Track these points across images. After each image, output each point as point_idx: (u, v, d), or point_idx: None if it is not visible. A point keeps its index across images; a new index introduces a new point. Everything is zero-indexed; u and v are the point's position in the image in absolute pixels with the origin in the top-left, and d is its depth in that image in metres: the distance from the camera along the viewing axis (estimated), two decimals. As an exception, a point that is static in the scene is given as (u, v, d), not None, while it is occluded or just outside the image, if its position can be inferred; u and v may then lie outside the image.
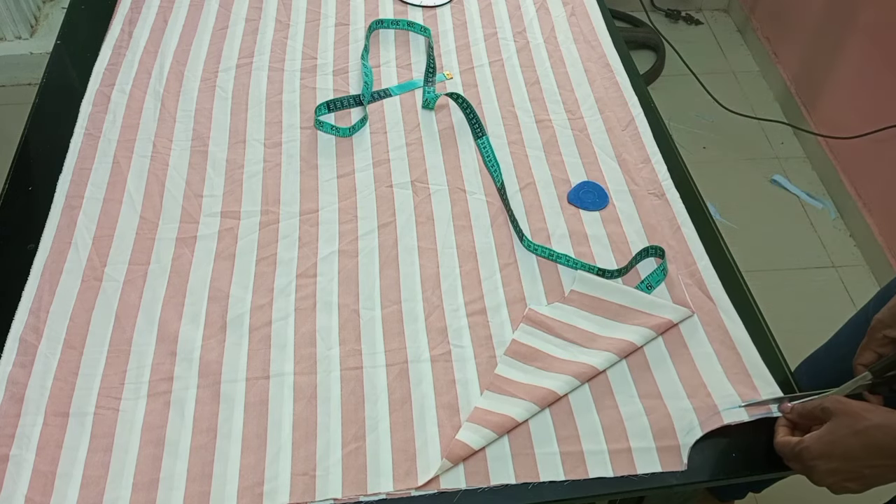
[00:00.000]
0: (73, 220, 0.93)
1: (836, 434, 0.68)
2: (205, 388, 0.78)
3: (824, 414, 0.70)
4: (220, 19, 1.21)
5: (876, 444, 0.66)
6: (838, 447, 0.67)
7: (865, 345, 0.78)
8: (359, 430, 0.75)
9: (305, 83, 1.12)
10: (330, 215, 0.94)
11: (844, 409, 0.69)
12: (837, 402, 0.70)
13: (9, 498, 0.70)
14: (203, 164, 1.00)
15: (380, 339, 0.83)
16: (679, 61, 2.19)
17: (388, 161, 1.01)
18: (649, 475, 0.73)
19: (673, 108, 2.20)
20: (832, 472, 0.68)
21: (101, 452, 0.73)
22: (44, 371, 0.79)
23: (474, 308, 0.86)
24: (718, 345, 0.83)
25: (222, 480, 0.72)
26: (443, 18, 1.24)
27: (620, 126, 1.08)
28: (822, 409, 0.71)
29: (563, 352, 0.82)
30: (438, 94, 1.09)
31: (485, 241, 0.92)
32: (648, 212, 0.96)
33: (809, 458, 0.69)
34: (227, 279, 0.87)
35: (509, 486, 0.72)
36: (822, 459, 0.68)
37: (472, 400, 0.78)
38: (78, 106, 1.06)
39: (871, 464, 0.67)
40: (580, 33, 1.23)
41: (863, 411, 0.68)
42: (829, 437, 0.68)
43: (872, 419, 0.67)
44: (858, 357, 0.78)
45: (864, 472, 0.67)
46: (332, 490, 0.71)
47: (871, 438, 0.66)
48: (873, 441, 0.66)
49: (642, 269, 0.90)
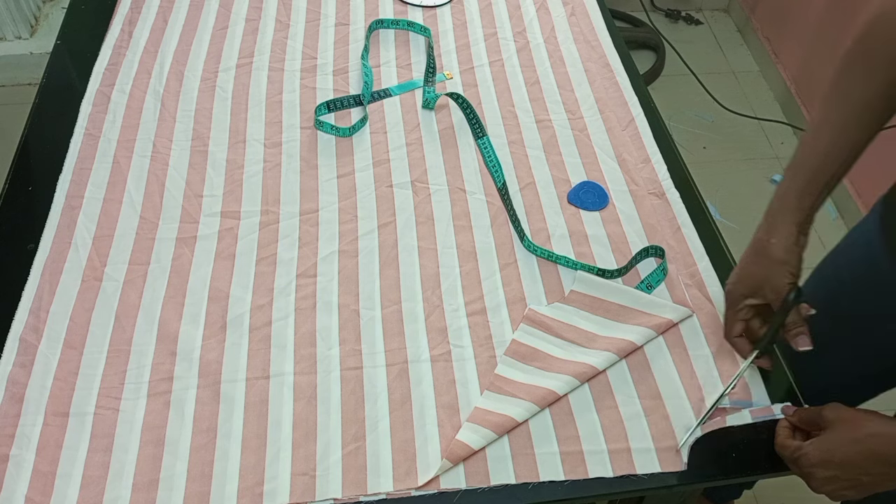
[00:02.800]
0: (73, 220, 0.92)
1: (834, 442, 0.68)
2: (205, 388, 0.78)
3: (823, 421, 0.70)
4: (220, 19, 1.21)
5: (874, 453, 0.66)
6: (837, 455, 0.68)
7: (731, 317, 0.79)
8: (359, 430, 0.76)
9: (305, 83, 1.12)
10: (330, 215, 0.94)
11: (843, 417, 0.69)
12: (836, 409, 0.70)
13: (9, 498, 0.70)
14: (203, 164, 1.00)
15: (380, 339, 0.83)
16: (679, 61, 2.19)
17: (388, 161, 1.01)
18: (649, 475, 0.73)
19: (673, 108, 2.20)
20: (830, 480, 0.68)
21: (101, 452, 0.73)
22: (44, 371, 0.79)
23: (474, 308, 0.86)
24: (716, 348, 0.83)
25: (222, 480, 0.72)
26: (443, 18, 1.24)
27: (620, 126, 1.08)
28: (820, 416, 0.71)
29: (563, 352, 0.82)
30: (438, 94, 1.09)
31: (485, 241, 0.92)
32: (648, 212, 0.96)
33: (808, 465, 0.69)
34: (227, 279, 0.87)
35: (509, 486, 0.72)
36: (821, 467, 0.68)
37: (471, 400, 0.78)
38: (78, 106, 1.06)
39: (869, 471, 0.67)
40: (580, 33, 1.23)
41: (861, 419, 0.68)
42: (827, 445, 0.69)
43: (870, 428, 0.67)
44: (729, 330, 0.79)
45: (863, 480, 0.67)
46: (332, 490, 0.71)
47: (869, 446, 0.66)
48: (871, 449, 0.66)
49: (642, 269, 0.90)
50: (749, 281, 0.77)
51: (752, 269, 0.77)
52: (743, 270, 0.79)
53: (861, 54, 0.74)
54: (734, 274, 0.80)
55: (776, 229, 0.76)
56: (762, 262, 0.76)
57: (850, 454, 0.67)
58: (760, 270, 0.76)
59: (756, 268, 0.77)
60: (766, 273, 0.75)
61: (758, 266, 0.76)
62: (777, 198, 0.77)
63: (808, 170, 0.75)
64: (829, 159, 0.75)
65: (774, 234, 0.76)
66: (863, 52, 0.74)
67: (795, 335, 0.76)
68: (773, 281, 0.75)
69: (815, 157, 0.75)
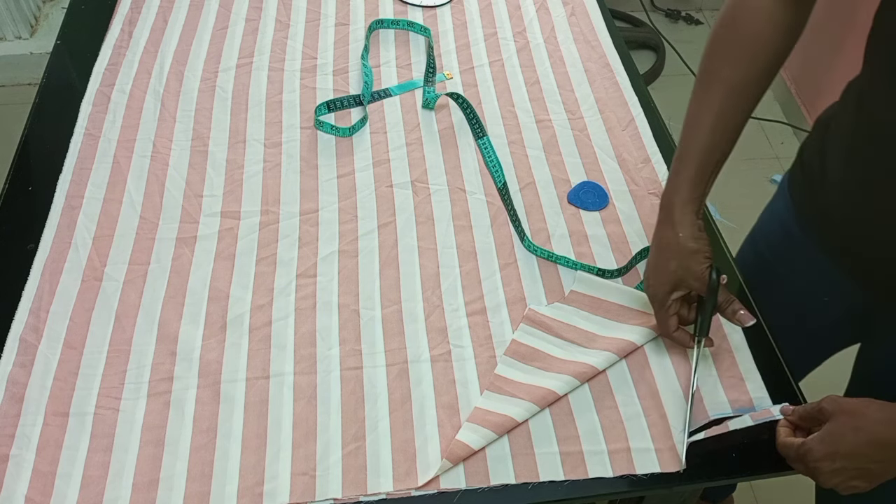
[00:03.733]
0: (73, 220, 0.92)
1: (837, 434, 0.68)
2: (205, 388, 0.78)
3: (822, 415, 0.70)
4: (220, 19, 1.21)
5: (879, 439, 0.66)
6: (842, 446, 0.67)
7: (662, 316, 0.80)
8: (359, 430, 0.75)
9: (305, 83, 1.12)
10: (330, 215, 0.94)
11: (842, 408, 0.69)
12: (835, 401, 0.70)
13: (9, 498, 0.70)
14: (203, 164, 1.00)
15: (380, 339, 0.83)
16: (679, 61, 2.19)
17: (388, 161, 1.01)
18: (649, 475, 0.73)
19: (673, 108, 2.18)
20: (838, 472, 0.68)
21: (101, 452, 0.73)
22: (44, 371, 0.79)
23: (474, 308, 0.86)
24: (715, 348, 0.83)
25: (222, 480, 0.72)
26: (443, 18, 1.24)
27: (620, 126, 1.08)
28: (819, 410, 0.71)
29: (563, 352, 0.82)
30: (438, 94, 1.09)
31: (485, 241, 0.92)
32: (648, 212, 0.96)
33: (813, 461, 0.69)
34: (227, 279, 0.87)
35: (509, 486, 0.72)
36: (827, 460, 0.68)
37: (471, 400, 0.78)
38: (78, 106, 1.06)
39: (876, 459, 0.67)
40: (580, 33, 1.23)
41: (861, 408, 0.68)
42: (830, 438, 0.68)
43: (872, 415, 0.67)
44: (666, 329, 0.80)
45: (871, 469, 0.67)
46: (332, 490, 0.71)
47: (874, 434, 0.66)
48: (876, 436, 0.66)
49: (642, 269, 0.90)
50: (670, 278, 0.79)
51: (669, 265, 0.78)
52: (659, 270, 0.80)
53: (726, 39, 0.76)
54: (650, 276, 0.81)
55: (681, 223, 0.78)
56: (677, 258, 0.78)
57: (855, 444, 0.67)
58: (678, 265, 0.78)
59: (672, 264, 0.78)
60: (685, 265, 0.78)
61: (674, 262, 0.78)
62: (671, 192, 0.79)
63: (696, 159, 0.78)
64: (713, 145, 0.78)
65: (681, 229, 0.78)
66: (727, 37, 0.76)
67: (734, 314, 0.77)
68: (693, 271, 0.77)
69: (698, 145, 0.78)
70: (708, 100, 0.77)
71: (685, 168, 0.78)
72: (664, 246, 0.79)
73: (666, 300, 0.79)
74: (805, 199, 0.86)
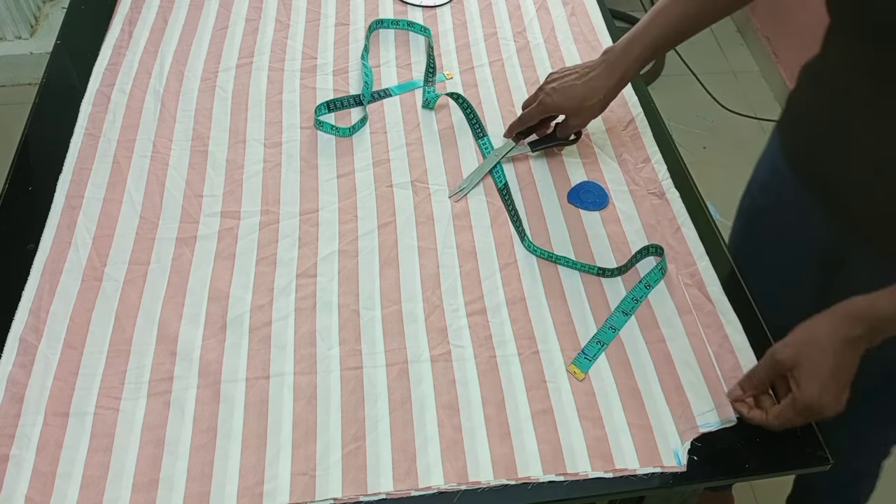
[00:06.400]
0: (73, 220, 0.92)
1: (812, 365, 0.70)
2: (205, 388, 0.78)
3: (781, 364, 0.71)
4: (220, 19, 1.21)
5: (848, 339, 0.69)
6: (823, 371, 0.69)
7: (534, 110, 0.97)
8: (359, 430, 0.76)
9: (305, 83, 1.12)
10: (330, 215, 0.95)
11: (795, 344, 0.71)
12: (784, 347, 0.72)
13: (9, 498, 0.70)
14: (203, 164, 1.00)
15: (380, 339, 0.83)
16: (679, 61, 2.19)
17: (388, 161, 1.01)
18: (649, 475, 0.73)
19: (673, 108, 2.20)
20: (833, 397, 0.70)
21: (101, 452, 0.73)
22: (44, 371, 0.79)
23: (474, 308, 0.86)
24: (717, 347, 0.83)
25: (222, 480, 0.72)
26: (443, 18, 1.24)
27: (620, 126, 1.08)
28: (774, 362, 0.72)
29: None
30: (438, 94, 1.09)
31: (485, 241, 0.93)
32: (648, 212, 0.97)
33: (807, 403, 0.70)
34: (227, 279, 0.87)
35: (509, 486, 0.72)
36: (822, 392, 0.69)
37: (472, 400, 0.78)
38: (78, 106, 1.06)
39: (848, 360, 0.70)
40: (580, 33, 1.23)
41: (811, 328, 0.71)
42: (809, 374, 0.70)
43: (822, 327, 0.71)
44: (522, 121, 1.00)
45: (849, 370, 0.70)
46: (332, 490, 0.71)
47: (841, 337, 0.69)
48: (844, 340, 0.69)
49: (642, 269, 0.90)
50: (568, 92, 0.95)
51: (577, 85, 0.95)
52: (567, 83, 0.96)
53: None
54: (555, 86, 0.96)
55: (610, 71, 0.94)
56: (585, 84, 0.94)
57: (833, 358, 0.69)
58: (580, 90, 0.95)
59: (579, 87, 0.95)
60: (583, 93, 0.94)
61: (581, 87, 0.95)
62: (609, 51, 0.96)
63: (637, 30, 0.95)
64: (653, 21, 0.95)
65: (608, 76, 0.94)
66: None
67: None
68: (587, 102, 0.95)
69: (645, 20, 0.95)
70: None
71: (631, 38, 0.95)
72: (582, 73, 0.96)
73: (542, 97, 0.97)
74: (790, 137, 0.93)
